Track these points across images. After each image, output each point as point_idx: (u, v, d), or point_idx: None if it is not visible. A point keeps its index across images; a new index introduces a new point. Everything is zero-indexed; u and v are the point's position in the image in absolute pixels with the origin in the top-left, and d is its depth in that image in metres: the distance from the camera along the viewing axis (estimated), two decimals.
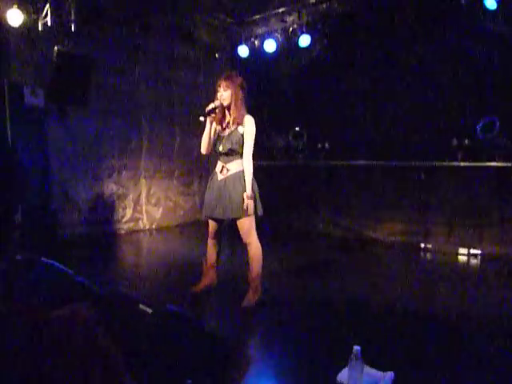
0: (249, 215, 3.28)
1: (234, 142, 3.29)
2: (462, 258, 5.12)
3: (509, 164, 4.76)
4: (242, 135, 3.29)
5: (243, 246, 3.43)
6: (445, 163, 5.26)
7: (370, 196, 5.95)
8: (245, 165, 3.29)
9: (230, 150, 3.32)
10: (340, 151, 6.12)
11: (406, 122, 5.57)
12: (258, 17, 6.44)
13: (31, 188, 4.79)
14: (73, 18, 4.85)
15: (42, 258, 2.36)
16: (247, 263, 3.43)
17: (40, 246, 3.43)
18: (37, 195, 4.86)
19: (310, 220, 6.52)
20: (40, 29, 4.90)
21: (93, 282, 2.32)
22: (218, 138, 3.41)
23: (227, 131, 3.35)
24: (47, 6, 4.73)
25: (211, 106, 3.25)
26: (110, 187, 6.31)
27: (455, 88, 5.17)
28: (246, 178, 3.28)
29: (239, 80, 3.34)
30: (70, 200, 5.75)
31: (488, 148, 4.84)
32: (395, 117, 5.64)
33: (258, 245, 3.41)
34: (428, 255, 5.40)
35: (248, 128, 3.29)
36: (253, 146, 3.31)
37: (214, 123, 3.39)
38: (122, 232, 6.41)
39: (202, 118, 3.28)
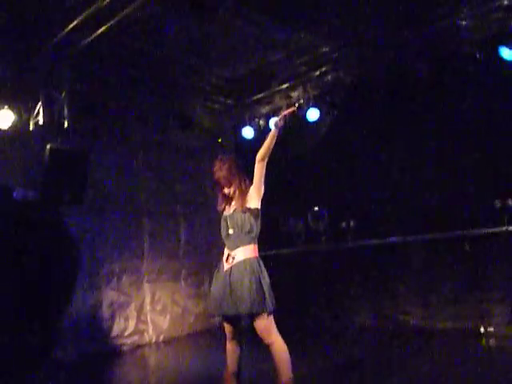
0: (265, 310, 3.16)
1: (239, 220, 3.32)
2: None
3: None
4: (249, 209, 3.33)
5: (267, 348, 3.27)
6: (490, 229, 5.17)
7: (411, 277, 5.79)
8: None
9: (236, 229, 3.32)
10: (369, 229, 6.09)
11: (439, 188, 5.61)
12: (261, 95, 6.83)
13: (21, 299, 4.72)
14: (66, 114, 5.18)
15: None
16: (273, 367, 3.24)
17: (30, 368, 3.29)
18: (28, 308, 4.78)
19: (343, 312, 6.28)
20: (31, 128, 5.21)
21: None
22: (222, 221, 3.45)
23: (232, 211, 3.40)
24: (39, 104, 5.08)
25: (284, 113, 3.44)
26: (110, 296, 6.22)
27: (487, 146, 5.27)
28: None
29: (234, 162, 3.47)
30: (66, 313, 5.63)
31: None
32: (425, 184, 5.70)
33: (283, 344, 3.25)
34: (491, 341, 5.08)
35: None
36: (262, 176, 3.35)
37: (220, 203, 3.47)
38: (125, 348, 6.18)
39: (274, 121, 3.44)
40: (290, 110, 3.38)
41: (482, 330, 5.19)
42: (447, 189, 5.56)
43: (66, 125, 5.24)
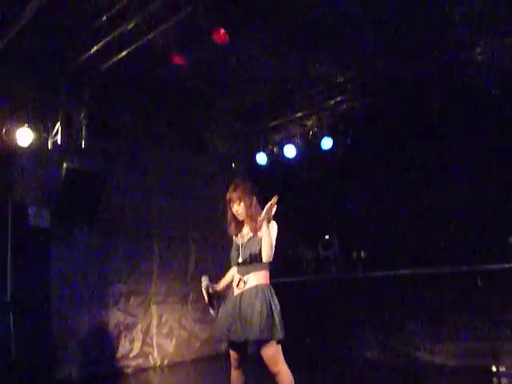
0: (274, 338, 3.12)
1: (254, 248, 3.30)
2: None
3: None
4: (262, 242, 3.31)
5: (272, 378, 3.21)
6: (503, 265, 5.08)
7: (421, 311, 5.67)
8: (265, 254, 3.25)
9: (249, 257, 3.31)
10: (380, 260, 6.03)
11: (452, 221, 5.57)
12: (275, 123, 6.90)
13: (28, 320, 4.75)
14: (83, 134, 5.28)
15: None
16: None
17: None
18: (34, 325, 4.80)
19: (351, 344, 6.16)
20: (49, 147, 5.32)
21: None
22: (234, 249, 3.44)
23: (245, 239, 3.39)
24: (58, 124, 5.19)
25: (206, 298, 3.40)
26: (116, 316, 6.20)
27: (502, 180, 5.24)
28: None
29: (248, 186, 3.47)
30: (71, 332, 5.62)
31: None
32: (439, 216, 5.66)
33: (289, 373, 3.18)
34: (502, 381, 4.92)
35: (273, 229, 3.30)
36: (272, 242, 3.25)
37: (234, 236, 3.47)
38: (129, 370, 6.12)
39: (212, 312, 3.42)
40: (273, 201, 3.34)
41: (493, 368, 5.05)
42: (460, 222, 5.51)
43: (83, 145, 5.33)
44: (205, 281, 3.42)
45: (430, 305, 5.61)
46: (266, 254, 3.22)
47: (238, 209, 3.39)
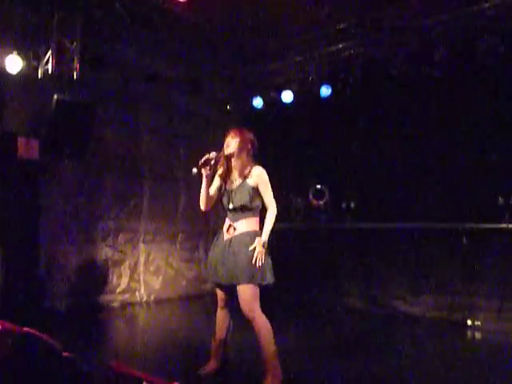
0: (253, 282, 3.16)
1: (244, 197, 3.28)
2: None
3: None
4: (253, 188, 3.29)
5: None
6: (490, 225, 5.16)
7: (405, 264, 5.82)
8: (269, 214, 3.27)
9: (240, 206, 3.29)
10: (368, 212, 6.08)
11: (444, 179, 5.57)
12: (274, 66, 6.69)
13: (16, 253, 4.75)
14: (75, 64, 5.07)
15: (26, 329, 2.31)
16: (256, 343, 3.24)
17: (23, 316, 3.31)
18: (23, 259, 4.81)
19: (334, 292, 6.33)
20: (39, 76, 5.11)
21: (82, 358, 2.25)
22: (225, 194, 3.41)
23: (234, 185, 3.35)
24: (49, 52, 4.97)
25: (206, 156, 3.26)
26: (105, 252, 6.25)
27: (496, 141, 5.21)
28: (266, 227, 3.25)
29: (249, 135, 3.41)
30: (59, 265, 5.67)
31: None
32: (432, 173, 5.66)
33: (264, 320, 3.24)
34: (476, 334, 5.13)
35: (261, 178, 3.30)
36: (272, 195, 3.30)
37: (217, 178, 3.40)
38: (116, 304, 6.25)
39: (194, 170, 3.27)
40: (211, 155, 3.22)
41: (469, 322, 5.25)
42: (452, 181, 5.53)
43: (75, 77, 5.13)
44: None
45: (414, 259, 5.74)
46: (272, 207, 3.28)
47: (230, 142, 3.33)
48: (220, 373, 3.49)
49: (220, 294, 3.48)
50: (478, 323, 5.21)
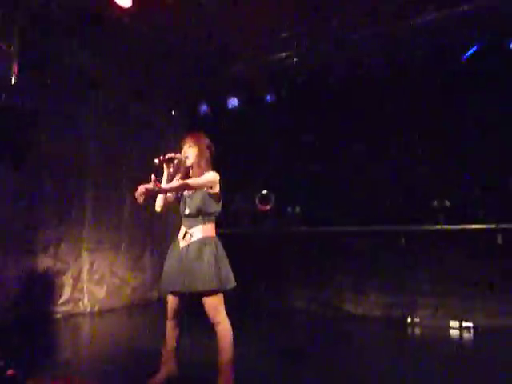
0: (217, 287, 3.19)
1: (198, 202, 3.29)
2: (454, 333, 5.17)
3: (493, 226, 5.01)
4: (208, 193, 3.31)
5: (210, 327, 3.30)
6: (426, 227, 5.46)
7: (348, 266, 6.03)
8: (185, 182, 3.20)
9: (195, 210, 3.30)
10: (313, 216, 6.25)
11: (383, 183, 5.84)
12: (220, 72, 6.73)
13: None
14: (14, 69, 4.87)
15: None
16: (215, 347, 3.28)
17: None
18: None
19: (282, 295, 6.45)
20: None
21: (23, 373, 2.21)
22: (181, 201, 3.41)
23: (191, 191, 3.36)
24: None
25: (172, 154, 3.23)
26: (46, 262, 6.02)
27: (433, 145, 5.53)
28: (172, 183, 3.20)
29: (206, 140, 3.43)
30: None
31: (471, 209, 5.11)
32: (371, 177, 5.91)
33: (228, 324, 3.29)
34: (416, 330, 5.41)
35: (206, 175, 3.27)
36: (201, 181, 3.23)
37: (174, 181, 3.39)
38: (58, 316, 6.03)
39: (156, 161, 3.17)
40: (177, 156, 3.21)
41: (408, 319, 5.52)
42: (391, 185, 5.80)
43: (13, 81, 4.93)
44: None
45: (357, 260, 5.96)
46: (191, 181, 3.20)
47: (188, 151, 3.33)
48: (171, 382, 3.48)
49: (173, 303, 3.44)
50: (416, 320, 5.50)
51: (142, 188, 3.00)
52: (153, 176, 2.99)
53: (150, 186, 2.97)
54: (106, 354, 4.56)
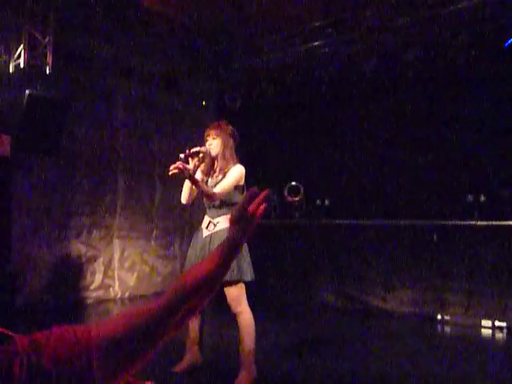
0: (239, 278, 3.21)
1: (226, 192, 3.31)
2: (486, 332, 5.03)
3: None
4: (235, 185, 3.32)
5: (232, 317, 3.33)
6: (460, 222, 5.31)
7: (377, 260, 5.93)
8: (212, 191, 3.22)
9: (219, 201, 3.32)
10: (342, 209, 6.17)
11: (415, 177, 5.70)
12: (250, 62, 6.70)
13: None
14: (48, 60, 4.99)
15: None
16: (237, 337, 3.31)
17: None
18: None
19: (309, 289, 6.42)
20: (11, 71, 5.02)
21: None
22: None
23: (214, 182, 3.38)
24: (21, 46, 4.88)
25: (197, 148, 3.27)
26: (78, 248, 6.20)
27: (467, 138, 5.35)
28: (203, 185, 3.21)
29: (229, 129, 3.44)
30: (31, 262, 5.61)
31: (507, 204, 4.93)
32: (404, 170, 5.78)
33: (250, 315, 3.31)
34: (446, 328, 5.30)
35: (232, 171, 3.32)
36: (229, 184, 3.27)
37: (200, 172, 3.41)
38: (90, 301, 6.21)
39: (181, 156, 3.22)
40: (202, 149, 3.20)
41: (439, 317, 5.41)
42: (424, 179, 5.66)
43: (47, 71, 5.05)
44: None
45: (386, 254, 5.86)
46: (218, 191, 3.23)
47: (212, 143, 3.35)
48: (194, 370, 3.53)
49: None
50: (447, 317, 5.37)
51: (179, 164, 3.06)
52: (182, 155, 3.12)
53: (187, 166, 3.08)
54: None
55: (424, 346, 4.60)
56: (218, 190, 3.26)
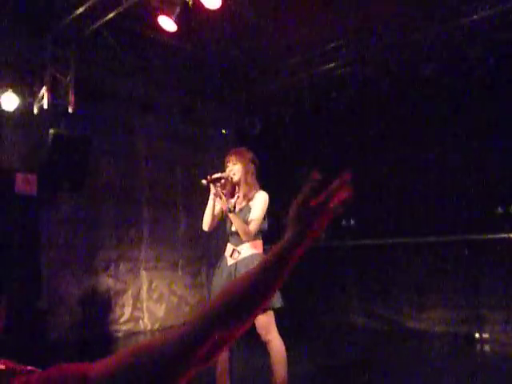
0: (267, 306, 3.16)
1: (247, 218, 3.29)
2: None
3: None
4: None
5: (262, 345, 3.27)
6: (490, 235, 5.16)
7: (408, 279, 5.80)
8: (248, 228, 3.22)
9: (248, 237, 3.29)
10: (368, 228, 6.08)
11: (442, 191, 5.59)
12: (268, 87, 6.78)
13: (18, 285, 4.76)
14: (70, 98, 5.15)
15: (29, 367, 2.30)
16: (268, 366, 3.24)
17: (26, 351, 3.31)
18: (24, 294, 4.82)
19: (339, 310, 6.31)
20: (35, 112, 5.20)
21: None
22: (228, 219, 3.42)
23: (237, 208, 3.37)
24: (44, 88, 5.06)
25: (218, 174, 3.28)
26: (106, 282, 6.25)
27: (495, 148, 5.25)
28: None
29: (250, 154, 3.44)
30: (61, 298, 5.67)
31: None
32: (429, 185, 5.68)
33: (281, 342, 3.24)
34: (485, 347, 5.10)
35: (258, 197, 3.31)
36: (260, 218, 3.27)
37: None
38: (120, 335, 6.22)
39: (204, 182, 3.22)
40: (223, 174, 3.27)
41: (476, 335, 5.21)
42: (449, 193, 5.55)
43: (70, 110, 5.21)
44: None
45: (416, 273, 5.73)
46: (254, 227, 3.23)
47: (233, 168, 3.33)
48: None
49: None
50: (485, 336, 5.18)
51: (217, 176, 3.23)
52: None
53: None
54: None
55: (462, 367, 4.43)
56: (252, 227, 3.23)
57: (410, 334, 5.61)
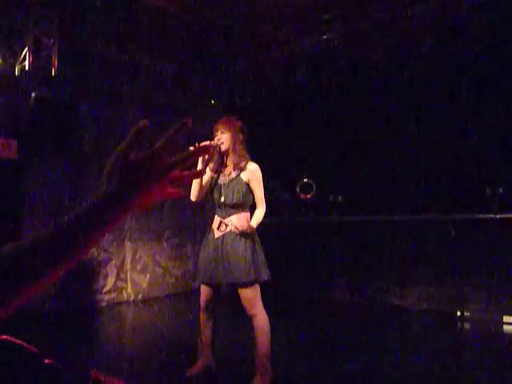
0: (254, 279, 3.12)
1: (237, 192, 3.21)
2: (508, 328, 4.88)
3: None
4: (247, 184, 3.22)
5: (246, 319, 3.23)
6: (477, 216, 5.16)
7: (393, 256, 5.81)
8: (258, 211, 3.24)
9: (232, 200, 3.22)
10: (356, 204, 6.05)
11: (430, 170, 5.55)
12: (259, 59, 6.62)
13: None
14: (54, 61, 4.94)
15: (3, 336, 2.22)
16: (252, 339, 3.21)
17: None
18: None
19: (323, 286, 6.31)
20: (16, 74, 4.98)
21: (65, 365, 2.16)
22: (215, 187, 3.33)
23: (227, 179, 3.27)
24: (26, 48, 4.84)
25: (206, 142, 3.14)
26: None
27: (484, 130, 5.20)
28: (254, 220, 3.21)
29: (238, 123, 3.32)
30: None
31: None
32: (418, 164, 5.63)
33: (265, 317, 3.22)
34: (466, 325, 5.16)
35: (255, 175, 3.24)
36: (263, 196, 3.26)
37: (209, 169, 3.31)
38: (103, 304, 6.17)
39: (191, 148, 3.13)
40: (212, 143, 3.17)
41: (458, 313, 5.26)
42: (439, 172, 5.51)
43: (53, 73, 5.00)
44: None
45: (401, 250, 5.73)
46: (264, 206, 3.25)
47: (221, 137, 3.22)
48: (208, 373, 3.45)
49: (206, 293, 3.39)
50: (467, 314, 5.23)
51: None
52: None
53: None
54: (147, 344, 4.61)
55: (443, 344, 4.47)
56: (262, 208, 3.25)
57: (392, 311, 5.65)
